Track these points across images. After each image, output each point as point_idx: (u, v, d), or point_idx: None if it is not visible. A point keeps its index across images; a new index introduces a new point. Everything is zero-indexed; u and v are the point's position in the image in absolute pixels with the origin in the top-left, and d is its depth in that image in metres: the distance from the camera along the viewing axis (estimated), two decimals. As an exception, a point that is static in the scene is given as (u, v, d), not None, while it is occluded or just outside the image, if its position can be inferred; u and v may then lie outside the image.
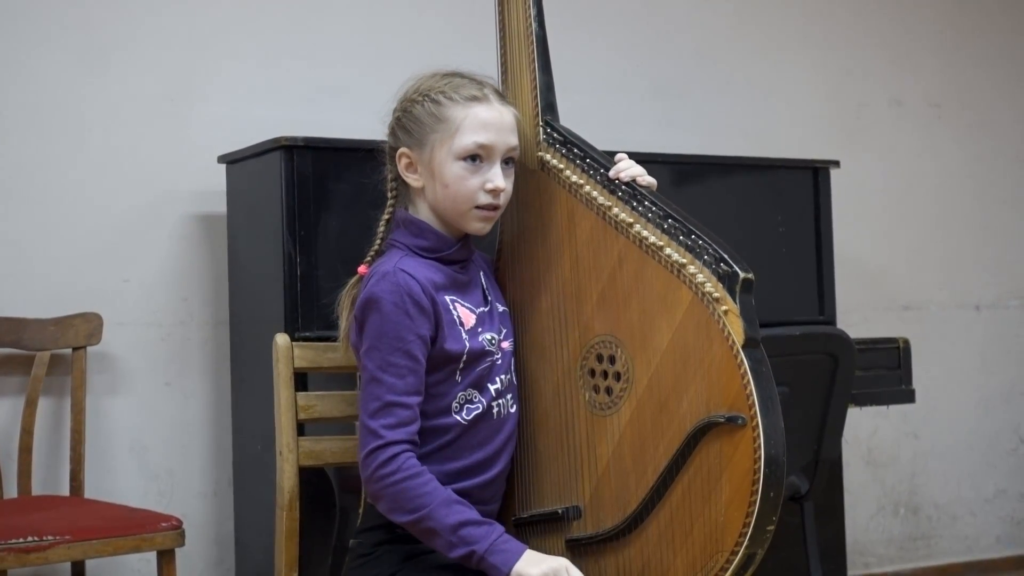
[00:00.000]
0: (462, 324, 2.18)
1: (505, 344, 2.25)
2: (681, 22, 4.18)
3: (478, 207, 2.19)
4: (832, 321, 3.69)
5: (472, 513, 2.08)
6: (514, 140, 2.22)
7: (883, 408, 4.11)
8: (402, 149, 2.22)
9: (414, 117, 2.20)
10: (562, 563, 2.05)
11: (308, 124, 3.36)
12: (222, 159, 3.31)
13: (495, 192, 2.19)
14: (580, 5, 3.96)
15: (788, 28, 4.37)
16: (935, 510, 4.55)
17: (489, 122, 2.18)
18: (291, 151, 3.01)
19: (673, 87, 4.12)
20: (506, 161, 2.21)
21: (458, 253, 2.24)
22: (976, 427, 4.64)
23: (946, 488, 4.57)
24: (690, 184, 3.55)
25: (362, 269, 2.25)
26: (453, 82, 2.21)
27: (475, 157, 2.17)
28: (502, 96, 2.25)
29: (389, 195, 2.29)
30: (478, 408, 2.18)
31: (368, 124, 2.45)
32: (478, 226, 2.21)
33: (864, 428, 4.36)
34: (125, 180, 3.37)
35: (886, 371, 3.55)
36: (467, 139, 2.16)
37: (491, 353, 2.20)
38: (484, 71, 2.29)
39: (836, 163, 3.77)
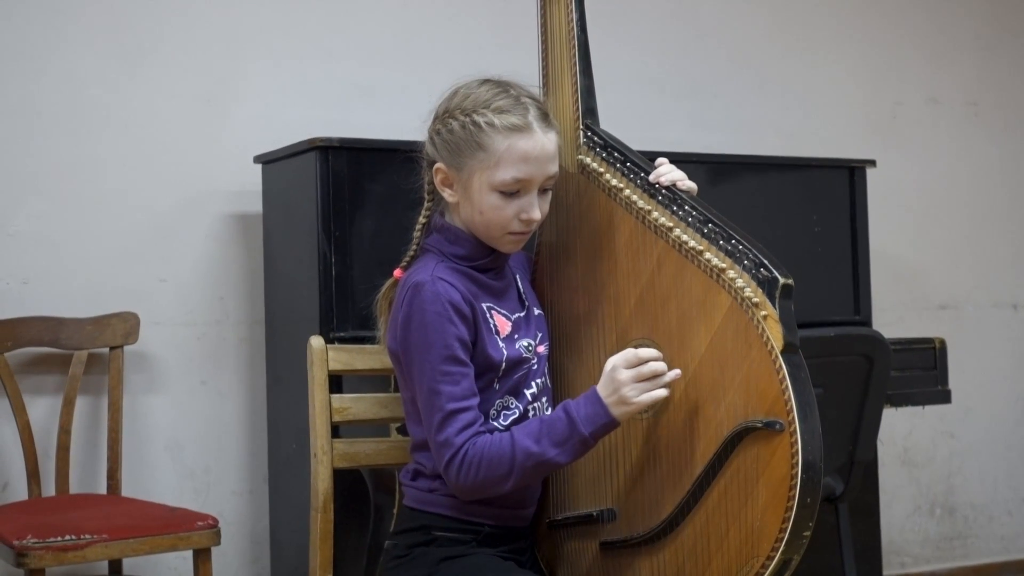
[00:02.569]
0: (498, 333, 2.18)
1: (540, 348, 2.25)
2: (715, 22, 4.16)
3: (510, 232, 2.18)
4: (868, 321, 3.68)
5: (535, 426, 2.08)
6: (554, 168, 2.18)
7: (919, 408, 4.09)
8: (438, 165, 2.20)
9: (454, 136, 2.16)
10: (619, 373, 2.04)
11: (343, 124, 3.37)
12: (258, 159, 3.33)
13: (529, 222, 2.18)
14: (614, 6, 3.95)
15: (823, 27, 4.35)
16: (971, 510, 4.52)
17: (530, 155, 2.13)
18: (326, 151, 3.02)
19: (707, 87, 4.11)
20: (544, 189, 2.20)
21: (493, 261, 2.23)
22: (1013, 426, 4.61)
23: (983, 488, 4.54)
24: (725, 183, 3.54)
25: (397, 273, 2.24)
26: (497, 103, 2.15)
27: (512, 190, 2.15)
28: (546, 118, 2.18)
29: (427, 199, 2.27)
30: (515, 413, 2.18)
31: (403, 124, 2.46)
32: (509, 248, 2.21)
33: (900, 428, 4.34)
34: (161, 180, 3.39)
35: (922, 371, 3.53)
36: (506, 174, 2.13)
37: (528, 360, 2.20)
38: (519, 72, 2.25)
39: (872, 162, 3.76)
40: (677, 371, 2.05)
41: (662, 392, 2.04)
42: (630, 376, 2.03)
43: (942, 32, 4.56)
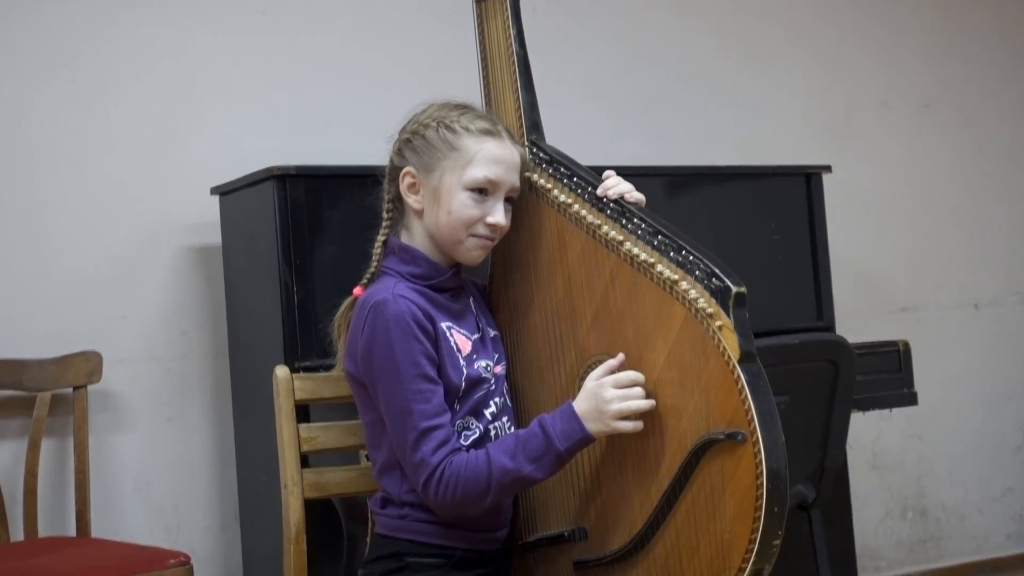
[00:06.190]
0: (459, 351, 2.18)
1: (498, 368, 2.25)
2: (666, 35, 4.18)
3: (474, 235, 2.20)
4: (831, 326, 3.69)
5: (510, 442, 2.09)
6: (517, 181, 2.24)
7: (886, 412, 4.10)
8: (408, 168, 2.23)
9: (427, 141, 2.22)
10: (604, 391, 2.05)
11: (299, 153, 3.36)
12: (215, 191, 3.32)
13: (494, 227, 2.21)
14: (566, 21, 3.97)
15: (773, 36, 4.37)
16: (943, 511, 4.54)
17: (500, 158, 2.21)
18: (283, 180, 3.01)
19: (660, 100, 4.12)
20: (507, 199, 2.23)
21: (450, 281, 2.24)
22: (980, 426, 4.63)
23: (953, 489, 4.56)
24: (683, 195, 3.55)
25: (357, 291, 2.25)
26: (468, 113, 2.24)
27: (482, 190, 2.19)
28: (512, 135, 2.27)
29: (385, 216, 2.29)
30: (475, 433, 2.18)
31: (358, 151, 2.46)
32: (473, 254, 2.22)
33: (868, 432, 4.35)
34: (119, 216, 3.38)
35: (887, 375, 3.54)
36: (479, 172, 2.18)
37: (486, 380, 2.21)
38: (469, 95, 2.31)
39: (828, 168, 3.77)
40: (653, 401, 2.06)
41: (639, 424, 2.06)
42: (615, 395, 2.05)
43: (892, 35, 4.60)
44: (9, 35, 3.30)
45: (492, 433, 2.20)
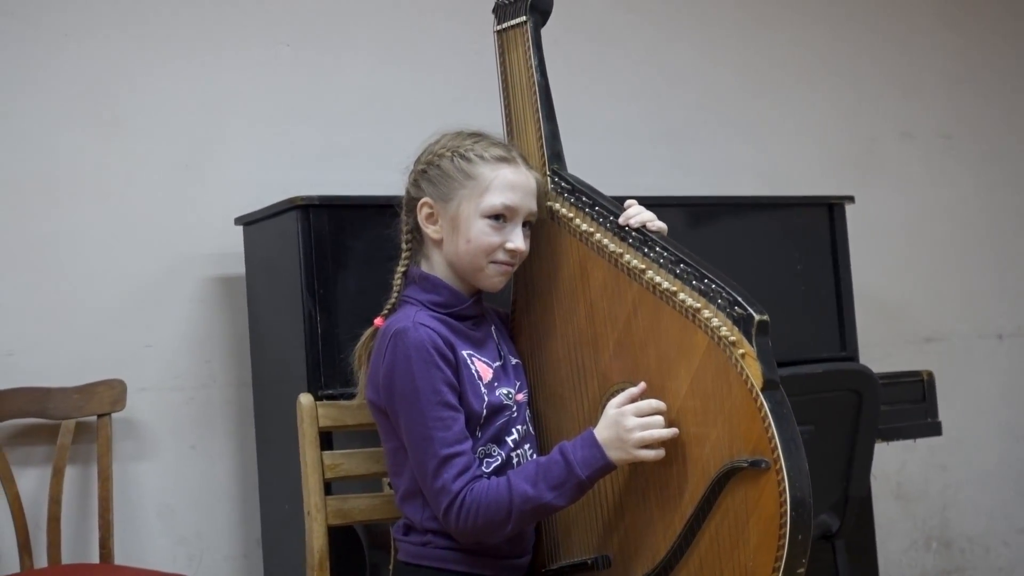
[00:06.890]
0: (480, 379, 2.19)
1: (520, 396, 2.26)
2: (688, 65, 4.19)
3: (494, 262, 2.21)
4: (854, 356, 3.68)
5: (531, 469, 2.10)
6: (535, 205, 2.25)
7: (910, 442, 4.08)
8: (425, 199, 2.24)
9: (442, 171, 2.23)
10: (626, 420, 2.06)
11: (322, 183, 3.38)
12: (239, 221, 3.34)
13: (514, 253, 2.22)
14: (588, 52, 3.99)
15: (794, 67, 4.38)
16: (968, 542, 4.51)
17: (516, 184, 2.22)
18: (307, 210, 3.03)
19: (682, 131, 4.13)
20: (525, 224, 2.24)
21: (471, 309, 2.25)
22: (1005, 456, 4.61)
23: (978, 519, 4.53)
24: (705, 226, 3.56)
25: (378, 321, 2.26)
26: (482, 142, 2.25)
27: (499, 216, 2.20)
28: (527, 161, 2.28)
29: (404, 247, 2.31)
30: (497, 460, 2.18)
31: (381, 181, 2.47)
32: (494, 280, 2.23)
33: (892, 463, 4.33)
34: (143, 246, 3.39)
35: (911, 405, 3.53)
36: (495, 199, 2.19)
37: (508, 407, 2.21)
38: (490, 125, 2.32)
39: (851, 198, 3.77)
40: (675, 429, 2.07)
41: (661, 453, 2.06)
42: (637, 424, 2.06)
43: (913, 67, 4.60)
44: (34, 69, 3.32)
45: (514, 460, 2.20)
